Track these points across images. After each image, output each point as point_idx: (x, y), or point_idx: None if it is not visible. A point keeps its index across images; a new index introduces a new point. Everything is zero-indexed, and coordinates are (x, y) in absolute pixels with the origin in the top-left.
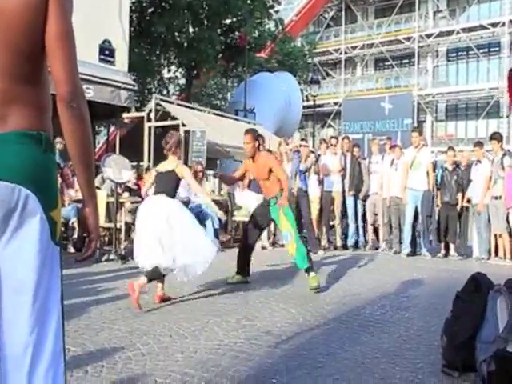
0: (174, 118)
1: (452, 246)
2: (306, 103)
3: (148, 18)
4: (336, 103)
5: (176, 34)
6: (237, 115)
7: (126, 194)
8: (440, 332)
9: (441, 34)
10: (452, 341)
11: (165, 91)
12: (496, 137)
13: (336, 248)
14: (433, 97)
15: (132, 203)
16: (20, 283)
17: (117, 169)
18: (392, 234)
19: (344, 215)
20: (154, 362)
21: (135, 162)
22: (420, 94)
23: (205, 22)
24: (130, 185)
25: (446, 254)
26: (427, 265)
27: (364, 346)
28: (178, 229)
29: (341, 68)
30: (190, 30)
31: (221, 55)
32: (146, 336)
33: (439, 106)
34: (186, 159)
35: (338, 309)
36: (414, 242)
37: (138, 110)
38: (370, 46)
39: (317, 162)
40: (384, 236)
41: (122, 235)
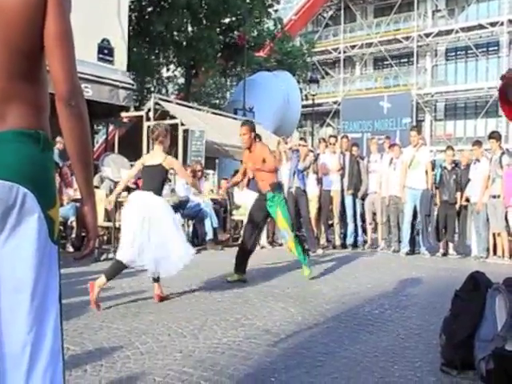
0: (172, 118)
1: (451, 245)
2: (304, 102)
3: (147, 17)
4: (335, 102)
5: (175, 33)
6: (236, 114)
7: (125, 194)
8: (439, 330)
9: (440, 34)
10: (451, 339)
11: (164, 90)
12: (494, 136)
13: (335, 247)
14: (432, 96)
15: None
16: (18, 282)
17: (115, 168)
18: (391, 233)
19: (343, 214)
20: (153, 360)
21: (134, 162)
22: (419, 93)
23: (204, 21)
24: (129, 184)
25: (445, 253)
26: (426, 263)
27: (363, 345)
28: (157, 229)
29: (340, 67)
30: (189, 29)
31: (220, 54)
32: (145, 335)
33: (438, 105)
34: (184, 158)
35: (336, 308)
36: (412, 240)
37: (137, 109)
38: (369, 45)
39: (316, 161)
40: (383, 235)
41: (121, 234)
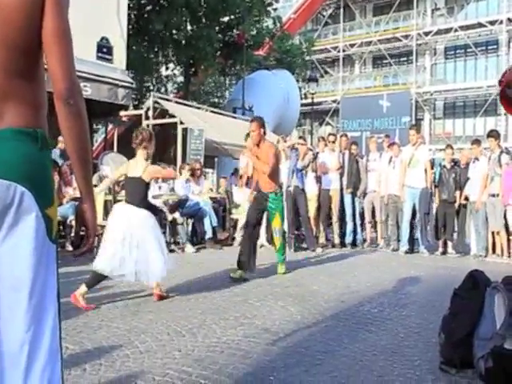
0: (171, 116)
1: (450, 244)
2: (304, 101)
3: (146, 15)
4: (334, 101)
5: (174, 31)
6: (235, 113)
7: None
8: (438, 329)
9: (439, 32)
10: (450, 338)
11: (163, 89)
12: (493, 134)
13: (334, 246)
14: (431, 94)
15: None
16: (16, 280)
17: (114, 167)
18: (390, 232)
19: (342, 213)
20: (152, 359)
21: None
22: (418, 91)
23: (203, 20)
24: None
25: (444, 252)
26: (425, 262)
27: (362, 344)
28: (139, 244)
29: (339, 66)
30: (188, 27)
31: (219, 53)
32: (144, 334)
33: (437, 103)
34: (183, 157)
35: (335, 306)
36: (411, 239)
37: (136, 107)
38: (368, 43)
39: (315, 160)
40: (382, 234)
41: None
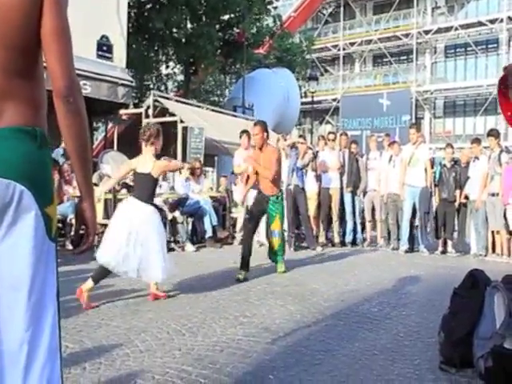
0: (172, 115)
1: (450, 243)
2: (304, 99)
3: (146, 13)
4: (334, 99)
5: (174, 29)
6: (235, 111)
7: (124, 191)
8: (438, 328)
9: (439, 31)
10: (449, 337)
11: (163, 87)
12: (493, 133)
13: (334, 245)
14: (431, 93)
15: None
16: (15, 279)
17: (115, 165)
18: (390, 231)
19: (342, 212)
20: (152, 358)
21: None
22: (418, 90)
23: (203, 18)
24: (128, 181)
25: (444, 251)
26: (425, 261)
27: (362, 343)
28: (143, 242)
29: (339, 64)
30: (188, 25)
31: (219, 51)
32: (144, 333)
33: (437, 102)
34: (184, 156)
35: (335, 305)
36: (411, 238)
37: (136, 106)
38: (369, 42)
39: (315, 159)
40: (382, 232)
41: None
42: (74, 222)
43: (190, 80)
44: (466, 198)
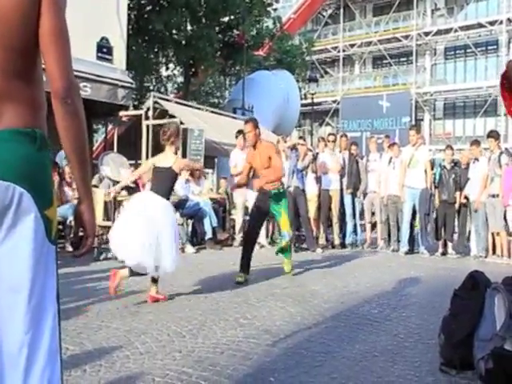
0: (171, 116)
1: (450, 244)
2: (303, 101)
3: (146, 15)
4: (334, 101)
5: (174, 31)
6: (235, 113)
7: (124, 193)
8: (438, 330)
9: (439, 32)
10: (450, 339)
11: (163, 89)
12: (493, 135)
13: (334, 246)
14: (431, 95)
15: None
16: (15, 282)
17: (115, 167)
18: (390, 233)
19: (342, 214)
20: (152, 360)
21: (133, 161)
22: (418, 92)
23: (203, 20)
24: (129, 183)
25: (444, 252)
26: (425, 263)
27: (362, 345)
28: (157, 232)
29: (339, 66)
30: (188, 27)
31: (219, 53)
32: (144, 335)
33: (437, 104)
34: (183, 157)
35: (336, 307)
36: (412, 240)
37: (136, 108)
38: (368, 44)
39: (314, 161)
40: (382, 234)
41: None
42: (73, 223)
43: (189, 82)
44: (466, 198)
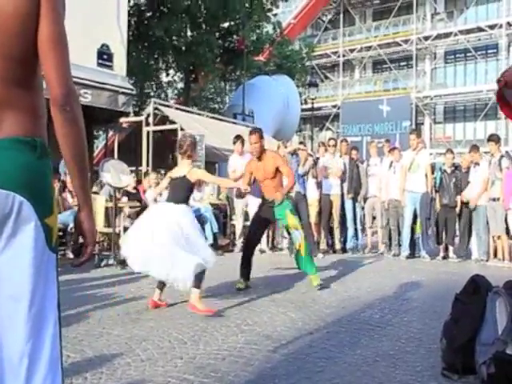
0: (172, 122)
1: (451, 248)
2: (304, 106)
3: (146, 22)
4: (334, 106)
5: (174, 37)
6: (235, 119)
7: (125, 199)
8: (439, 335)
9: (438, 37)
10: (451, 343)
11: (163, 95)
12: (494, 138)
13: (335, 251)
14: (431, 99)
15: (131, 208)
16: (16, 290)
17: (115, 174)
18: (391, 237)
19: (343, 218)
20: (154, 367)
21: (134, 167)
22: (418, 96)
23: (203, 26)
24: (129, 189)
25: (445, 256)
26: (426, 267)
27: (363, 350)
28: (177, 241)
29: (339, 71)
30: (189, 33)
31: (219, 59)
32: (145, 342)
33: (437, 108)
34: None
35: (337, 312)
36: (412, 244)
37: (137, 114)
38: (368, 48)
39: (315, 166)
40: (383, 239)
41: (121, 240)
42: (74, 231)
43: (190, 88)
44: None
